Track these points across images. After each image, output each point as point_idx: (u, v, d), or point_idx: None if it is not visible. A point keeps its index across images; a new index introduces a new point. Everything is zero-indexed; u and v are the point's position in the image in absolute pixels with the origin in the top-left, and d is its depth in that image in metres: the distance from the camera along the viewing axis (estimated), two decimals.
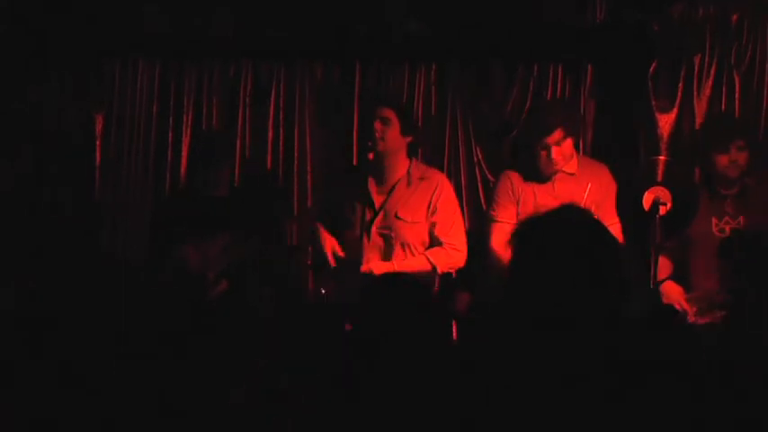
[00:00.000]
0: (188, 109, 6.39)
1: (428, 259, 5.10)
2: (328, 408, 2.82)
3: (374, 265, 5.01)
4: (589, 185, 5.15)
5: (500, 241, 5.06)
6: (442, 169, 5.98)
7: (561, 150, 5.13)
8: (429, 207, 5.11)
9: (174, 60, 6.35)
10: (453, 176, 6.11)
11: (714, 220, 5.07)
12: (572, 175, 5.21)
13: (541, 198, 5.13)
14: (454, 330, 5.31)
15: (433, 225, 5.14)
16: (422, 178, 5.14)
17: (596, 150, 5.95)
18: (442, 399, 2.59)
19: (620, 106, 6.05)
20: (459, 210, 5.30)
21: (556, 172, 5.16)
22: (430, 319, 3.09)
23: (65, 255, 5.21)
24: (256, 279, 5.63)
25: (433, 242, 5.15)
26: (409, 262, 5.10)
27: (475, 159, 6.23)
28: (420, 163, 5.30)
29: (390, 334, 2.96)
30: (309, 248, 5.73)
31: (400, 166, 5.11)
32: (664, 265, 5.05)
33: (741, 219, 5.09)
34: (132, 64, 6.39)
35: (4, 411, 3.15)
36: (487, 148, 6.26)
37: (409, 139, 5.10)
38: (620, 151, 5.93)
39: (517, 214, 5.13)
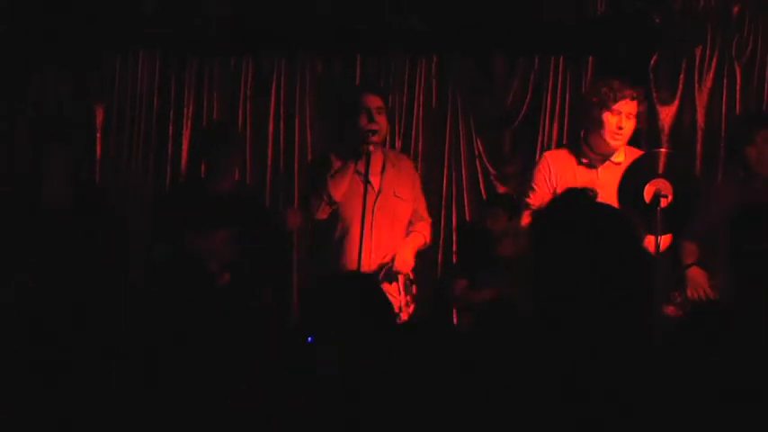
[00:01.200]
0: (189, 102, 6.42)
1: (422, 235, 5.22)
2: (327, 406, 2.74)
3: (400, 261, 5.09)
4: None
5: None
6: (442, 162, 6.19)
7: (630, 125, 4.91)
8: (413, 186, 5.21)
9: (174, 53, 6.39)
10: (454, 168, 6.23)
11: None
12: (618, 164, 4.96)
13: (583, 185, 4.87)
14: (454, 317, 5.41)
15: (415, 204, 5.26)
16: (398, 159, 5.26)
17: None
18: (439, 396, 2.55)
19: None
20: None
21: (609, 153, 4.95)
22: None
23: (64, 250, 5.12)
24: (256, 274, 5.59)
25: (413, 218, 5.26)
26: (413, 242, 5.20)
27: (476, 152, 6.27)
28: (384, 146, 5.39)
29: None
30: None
31: (381, 151, 5.18)
32: (690, 251, 5.01)
33: None
34: (132, 57, 6.43)
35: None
36: (488, 141, 6.30)
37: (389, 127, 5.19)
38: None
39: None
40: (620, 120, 4.82)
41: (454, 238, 6.16)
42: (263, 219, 5.46)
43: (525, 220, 4.94)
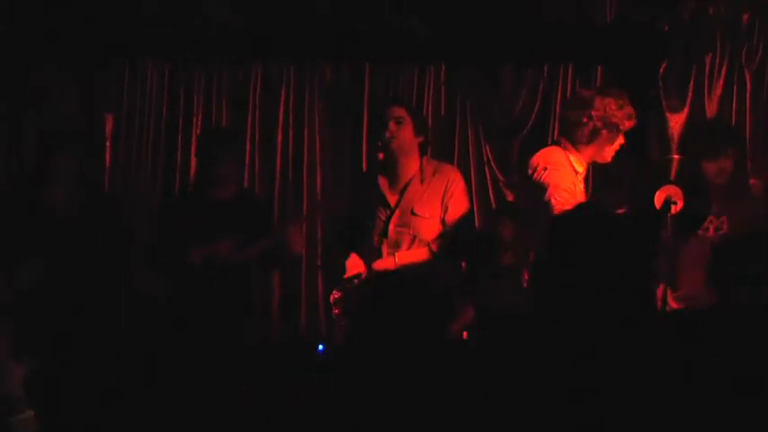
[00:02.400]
0: (197, 111, 6.39)
1: (429, 249, 5.05)
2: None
3: (375, 263, 4.99)
4: None
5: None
6: None
7: None
8: (443, 201, 5.07)
9: (183, 61, 6.35)
10: (463, 176, 5.82)
11: None
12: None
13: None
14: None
15: (445, 218, 5.11)
16: (435, 173, 5.10)
17: None
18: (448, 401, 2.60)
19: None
20: (469, 204, 5.29)
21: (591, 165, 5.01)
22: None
23: (66, 254, 5.12)
24: (259, 281, 5.68)
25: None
26: (410, 253, 5.03)
27: (485, 158, 6.23)
28: (432, 159, 5.25)
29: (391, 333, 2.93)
30: (319, 249, 5.88)
31: (413, 164, 5.07)
32: None
33: (724, 218, 5.09)
34: (141, 64, 6.39)
35: None
36: (497, 148, 6.25)
37: (421, 139, 5.08)
38: (631, 150, 5.66)
39: None
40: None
41: None
42: (265, 228, 5.38)
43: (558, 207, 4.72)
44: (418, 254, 5.05)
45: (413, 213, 5.03)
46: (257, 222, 5.35)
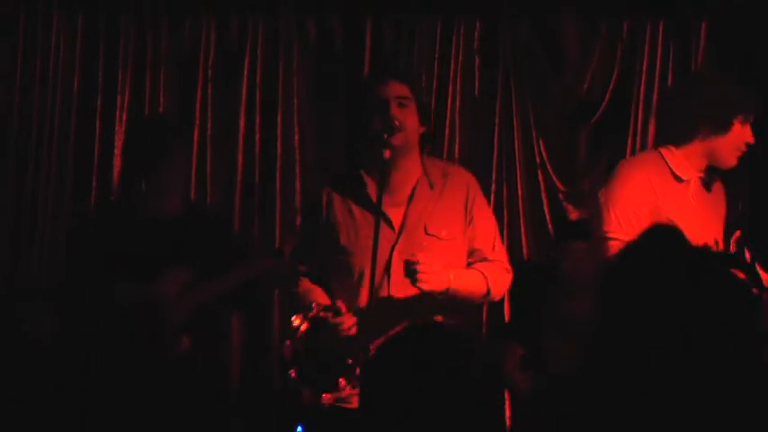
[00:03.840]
0: (124, 86, 5.71)
1: (483, 275, 4.49)
2: None
3: (433, 273, 4.29)
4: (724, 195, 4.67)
5: None
6: (490, 174, 5.48)
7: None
8: (466, 214, 4.54)
9: (104, 15, 5.69)
10: (505, 183, 5.55)
11: None
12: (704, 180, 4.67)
13: (675, 204, 4.52)
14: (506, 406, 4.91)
15: (471, 238, 4.56)
16: (445, 175, 4.57)
17: None
18: None
19: (748, 78, 5.14)
20: (493, 214, 4.83)
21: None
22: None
23: None
24: (228, 329, 5.44)
25: (469, 257, 4.57)
26: (466, 275, 4.44)
27: (537, 160, 5.59)
28: (433, 157, 4.82)
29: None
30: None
31: (414, 165, 4.53)
32: None
33: None
34: (44, 20, 5.68)
35: None
36: (555, 143, 5.58)
37: (423, 129, 4.57)
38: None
39: None
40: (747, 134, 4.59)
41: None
42: (230, 253, 4.91)
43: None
44: (474, 281, 4.46)
45: (426, 233, 4.47)
46: (214, 246, 4.86)
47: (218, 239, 4.97)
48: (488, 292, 4.53)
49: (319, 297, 4.48)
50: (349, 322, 4.29)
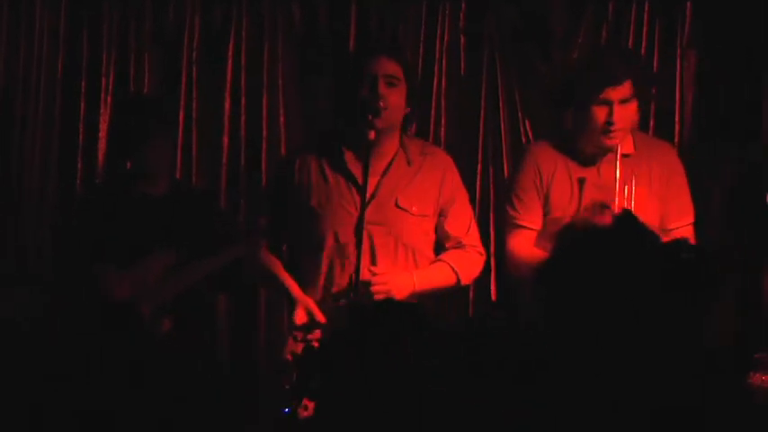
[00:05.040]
0: (108, 68, 5.67)
1: (451, 267, 4.52)
2: None
3: (393, 284, 4.35)
4: (652, 171, 4.61)
5: (521, 246, 4.60)
6: (476, 154, 5.49)
7: (626, 113, 4.52)
8: (440, 195, 4.56)
9: None
10: (492, 163, 5.55)
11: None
12: (626, 156, 4.63)
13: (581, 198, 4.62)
14: None
15: (443, 219, 4.59)
16: (423, 154, 4.59)
17: (697, 128, 5.44)
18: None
19: (734, 63, 5.36)
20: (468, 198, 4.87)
21: (607, 148, 4.57)
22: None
23: None
24: (212, 312, 5.29)
25: (444, 242, 4.61)
26: (430, 273, 4.51)
27: (523, 139, 5.56)
28: (412, 136, 4.83)
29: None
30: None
31: (392, 142, 4.52)
32: None
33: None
34: (27, 2, 5.64)
35: None
36: (540, 122, 5.54)
37: (408, 109, 4.55)
38: (734, 129, 5.32)
39: (544, 213, 4.63)
40: (607, 113, 4.52)
41: (492, 264, 5.35)
42: (216, 233, 4.85)
43: (514, 243, 4.63)
44: (441, 275, 4.51)
45: (397, 206, 4.50)
46: (202, 226, 4.81)
47: (205, 218, 4.94)
48: (458, 282, 4.55)
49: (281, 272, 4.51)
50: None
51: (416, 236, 4.53)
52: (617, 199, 4.41)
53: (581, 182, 4.66)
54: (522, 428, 2.40)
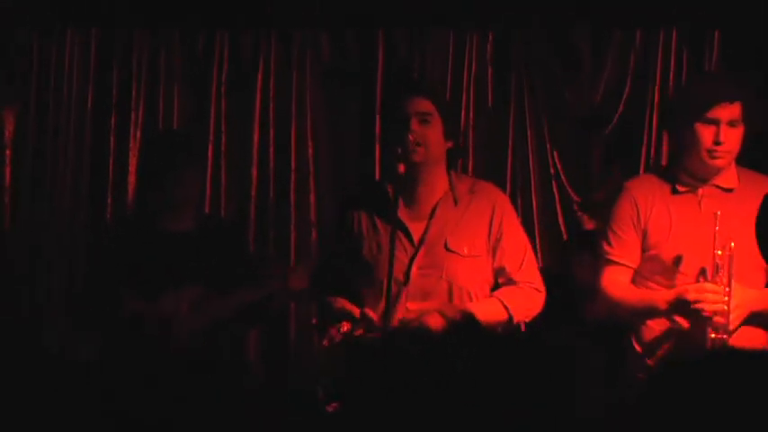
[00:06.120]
0: (137, 102, 5.73)
1: (502, 303, 4.40)
2: None
3: (430, 317, 4.28)
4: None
5: (614, 283, 4.39)
6: (504, 185, 5.45)
7: (733, 135, 4.27)
8: (490, 232, 4.44)
9: (118, 29, 5.69)
10: (520, 194, 5.58)
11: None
12: (728, 191, 4.37)
13: (680, 220, 4.33)
14: None
15: (498, 257, 4.47)
16: (472, 192, 4.50)
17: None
18: None
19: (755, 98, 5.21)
20: (525, 233, 4.68)
21: (710, 176, 4.36)
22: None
23: None
24: (239, 348, 5.25)
25: (498, 279, 4.51)
26: (478, 307, 4.32)
27: (551, 170, 5.61)
28: (462, 174, 4.84)
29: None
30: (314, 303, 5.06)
31: (440, 180, 4.47)
32: None
33: None
34: (58, 36, 5.70)
35: None
36: (569, 153, 5.61)
37: (451, 144, 4.49)
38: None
39: (643, 249, 4.38)
40: (715, 134, 4.29)
41: None
42: (245, 267, 4.85)
43: (605, 280, 4.42)
44: (490, 310, 4.35)
45: (447, 249, 4.41)
46: (230, 261, 4.79)
47: (234, 252, 4.91)
48: (510, 319, 4.42)
49: (345, 305, 4.43)
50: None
51: (471, 278, 4.46)
52: (717, 237, 4.17)
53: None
54: None
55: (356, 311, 4.42)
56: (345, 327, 4.41)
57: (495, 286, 4.53)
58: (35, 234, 5.63)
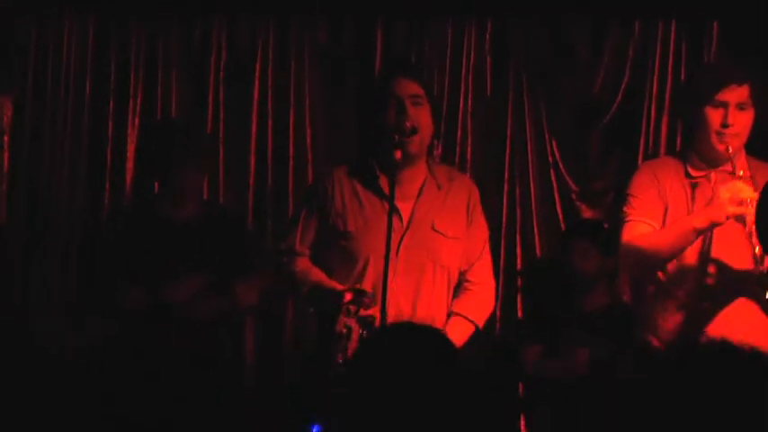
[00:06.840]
0: (136, 90, 5.69)
1: (466, 319, 4.47)
2: None
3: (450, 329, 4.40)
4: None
5: (638, 235, 4.39)
6: (502, 174, 5.54)
7: (742, 118, 4.34)
8: (467, 219, 4.56)
9: (114, 19, 5.67)
10: (518, 183, 5.57)
11: None
12: (736, 178, 4.36)
13: (697, 202, 4.40)
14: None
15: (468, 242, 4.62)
16: (451, 179, 4.60)
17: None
18: None
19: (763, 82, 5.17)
20: (488, 228, 4.77)
21: (720, 160, 4.38)
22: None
23: None
24: (239, 337, 5.33)
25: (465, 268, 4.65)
26: (453, 334, 4.27)
27: (550, 159, 5.61)
28: (438, 162, 4.88)
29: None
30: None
31: (421, 167, 4.53)
32: None
33: None
34: (56, 23, 5.67)
35: None
36: (567, 143, 5.62)
37: (433, 128, 4.60)
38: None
39: (665, 214, 4.41)
40: (725, 114, 4.36)
41: (519, 283, 5.47)
42: (247, 255, 4.88)
43: (626, 235, 4.41)
44: (464, 329, 4.46)
45: (434, 229, 4.49)
46: (231, 251, 4.80)
47: (235, 242, 4.89)
48: (477, 329, 4.49)
49: (319, 275, 4.42)
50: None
51: (452, 258, 4.54)
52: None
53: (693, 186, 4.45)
54: None
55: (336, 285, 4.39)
56: (353, 308, 4.34)
57: None
58: (32, 220, 5.59)
